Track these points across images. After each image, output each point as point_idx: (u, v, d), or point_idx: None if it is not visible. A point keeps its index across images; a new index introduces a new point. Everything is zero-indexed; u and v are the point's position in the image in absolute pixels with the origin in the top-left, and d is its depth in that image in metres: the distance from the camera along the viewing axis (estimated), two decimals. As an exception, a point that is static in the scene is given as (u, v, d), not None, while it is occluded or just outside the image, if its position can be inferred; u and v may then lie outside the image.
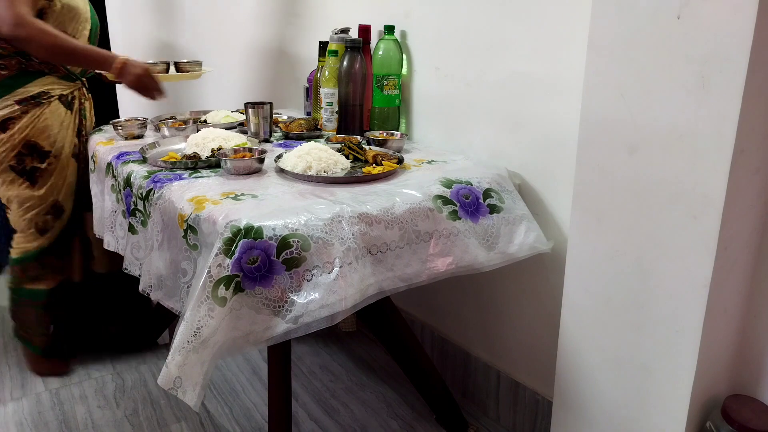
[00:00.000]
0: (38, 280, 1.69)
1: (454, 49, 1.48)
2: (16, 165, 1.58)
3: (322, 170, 1.23)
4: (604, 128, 1.00)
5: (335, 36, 1.67)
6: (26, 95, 1.54)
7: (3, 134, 1.53)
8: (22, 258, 1.67)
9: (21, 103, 1.53)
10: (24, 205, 1.62)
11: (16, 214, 1.63)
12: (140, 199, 1.23)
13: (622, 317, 1.04)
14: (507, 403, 1.52)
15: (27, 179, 1.60)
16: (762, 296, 0.98)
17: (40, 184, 1.61)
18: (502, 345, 1.52)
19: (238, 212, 1.00)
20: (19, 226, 1.65)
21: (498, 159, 1.40)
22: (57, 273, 1.72)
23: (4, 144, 1.54)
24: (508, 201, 1.24)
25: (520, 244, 1.22)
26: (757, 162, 0.89)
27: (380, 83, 1.58)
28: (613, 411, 1.09)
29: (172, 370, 0.94)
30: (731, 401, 0.97)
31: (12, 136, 1.54)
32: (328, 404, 1.62)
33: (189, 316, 0.93)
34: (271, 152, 1.40)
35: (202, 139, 1.44)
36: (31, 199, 1.61)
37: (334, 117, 1.65)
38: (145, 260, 1.19)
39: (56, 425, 1.53)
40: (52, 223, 1.66)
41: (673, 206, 0.92)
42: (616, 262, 1.03)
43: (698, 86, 0.86)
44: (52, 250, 1.69)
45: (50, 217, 1.65)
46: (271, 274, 0.95)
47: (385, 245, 1.07)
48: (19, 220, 1.64)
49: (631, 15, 0.92)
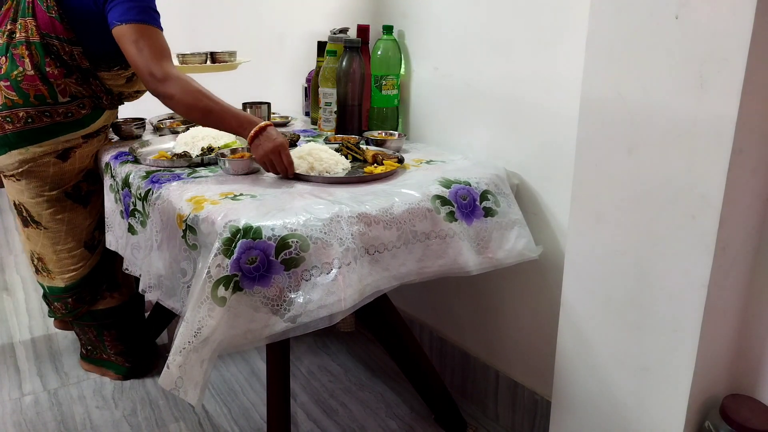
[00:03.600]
0: (98, 300, 1.67)
1: (452, 49, 1.48)
2: (72, 192, 1.55)
3: (324, 171, 1.23)
4: (602, 128, 1.00)
5: (334, 36, 1.67)
6: (93, 130, 1.53)
7: (64, 163, 1.51)
8: (72, 285, 1.63)
9: (86, 137, 1.52)
10: (77, 228, 1.59)
11: (62, 236, 1.58)
12: (139, 200, 1.23)
13: (621, 317, 1.04)
14: (506, 402, 1.52)
15: (81, 203, 1.58)
16: (761, 296, 0.98)
17: (92, 205, 1.60)
18: (501, 345, 1.52)
19: (236, 212, 1.00)
20: (64, 247, 1.59)
21: (497, 159, 1.40)
22: (115, 290, 1.69)
23: (64, 173, 1.52)
24: (503, 205, 1.25)
25: (509, 250, 1.22)
26: (755, 162, 0.89)
27: (379, 83, 1.58)
28: (611, 410, 1.09)
29: (174, 371, 0.94)
30: (730, 401, 0.97)
31: (73, 165, 1.52)
32: (326, 404, 1.62)
33: (189, 316, 0.93)
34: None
35: (192, 138, 1.44)
36: (85, 221, 1.59)
37: (332, 117, 1.65)
38: (145, 260, 1.19)
39: (54, 425, 1.53)
40: (100, 237, 1.61)
41: (672, 206, 0.92)
42: (614, 262, 1.03)
43: (696, 86, 0.86)
44: (103, 265, 1.66)
45: (98, 231, 1.61)
46: (270, 274, 0.95)
47: (382, 245, 1.07)
48: (65, 240, 1.59)
49: (629, 15, 0.93)
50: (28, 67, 1.41)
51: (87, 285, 1.64)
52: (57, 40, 1.41)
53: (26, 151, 1.46)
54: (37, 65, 1.41)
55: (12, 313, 2.12)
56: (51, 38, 1.41)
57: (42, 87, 1.42)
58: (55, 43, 1.41)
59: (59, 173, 1.51)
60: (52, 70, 1.42)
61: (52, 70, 1.42)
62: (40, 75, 1.42)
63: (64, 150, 1.50)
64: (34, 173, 1.50)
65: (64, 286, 1.63)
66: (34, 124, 1.44)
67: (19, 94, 1.41)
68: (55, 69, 1.42)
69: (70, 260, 1.61)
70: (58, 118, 1.45)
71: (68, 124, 1.48)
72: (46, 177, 1.51)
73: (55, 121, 1.45)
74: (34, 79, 1.41)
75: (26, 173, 1.50)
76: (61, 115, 1.46)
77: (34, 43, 1.41)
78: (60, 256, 1.60)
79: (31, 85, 1.41)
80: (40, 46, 1.41)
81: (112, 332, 1.70)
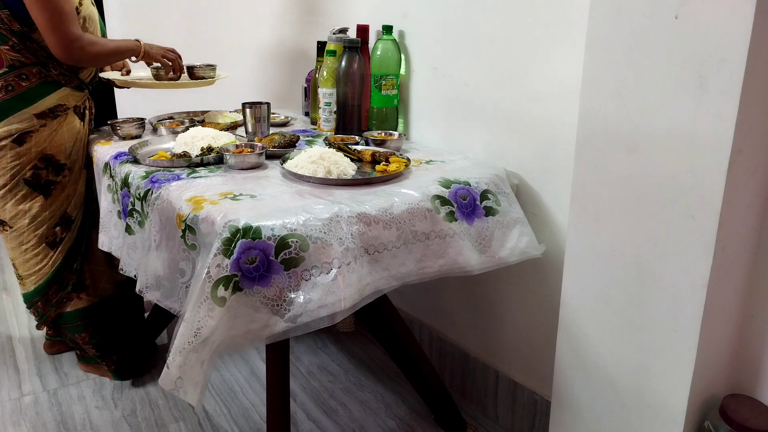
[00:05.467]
0: (64, 302, 1.64)
1: (452, 49, 1.48)
2: (31, 179, 1.50)
3: (341, 173, 1.22)
4: (602, 128, 1.00)
5: (333, 36, 1.67)
6: (44, 108, 1.47)
7: (20, 147, 1.46)
8: (39, 288, 1.60)
9: (40, 117, 1.46)
10: (36, 220, 1.54)
11: (25, 233, 1.54)
12: (138, 200, 1.23)
13: (621, 317, 1.04)
14: (505, 403, 1.52)
15: (41, 192, 1.52)
16: (760, 296, 0.98)
17: (53, 197, 1.54)
18: (501, 345, 1.52)
19: (236, 212, 1.00)
20: (27, 246, 1.56)
21: (496, 159, 1.40)
22: (81, 290, 1.65)
23: (21, 158, 1.47)
24: (504, 204, 1.25)
25: (511, 249, 1.22)
26: (755, 162, 0.89)
27: (378, 83, 1.58)
28: (611, 410, 1.09)
29: (173, 371, 0.94)
30: (729, 401, 0.97)
31: (29, 150, 1.47)
32: (326, 404, 1.62)
33: (189, 316, 0.93)
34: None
35: (191, 138, 1.44)
36: (44, 212, 1.54)
37: (332, 117, 1.65)
38: (142, 261, 1.18)
39: (54, 426, 1.53)
40: (62, 235, 1.58)
41: (672, 206, 0.92)
42: (614, 262, 1.03)
43: (696, 86, 0.86)
44: (67, 264, 1.61)
45: (60, 228, 1.57)
46: (270, 273, 0.95)
47: (382, 245, 1.07)
48: (28, 237, 1.55)
49: (629, 15, 0.93)
50: None
51: (52, 286, 1.60)
52: None
53: None
54: None
55: (12, 313, 2.12)
56: None
57: None
58: None
59: (16, 158, 1.46)
60: None
61: None
62: None
63: (19, 133, 1.45)
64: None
65: (33, 288, 1.60)
66: None
67: None
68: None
69: (33, 260, 1.57)
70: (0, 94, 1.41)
71: (11, 101, 1.42)
72: (4, 164, 1.47)
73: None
74: None
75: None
76: (1, 90, 1.40)
77: None
78: (26, 256, 1.57)
79: None
80: None
81: (83, 335, 1.65)
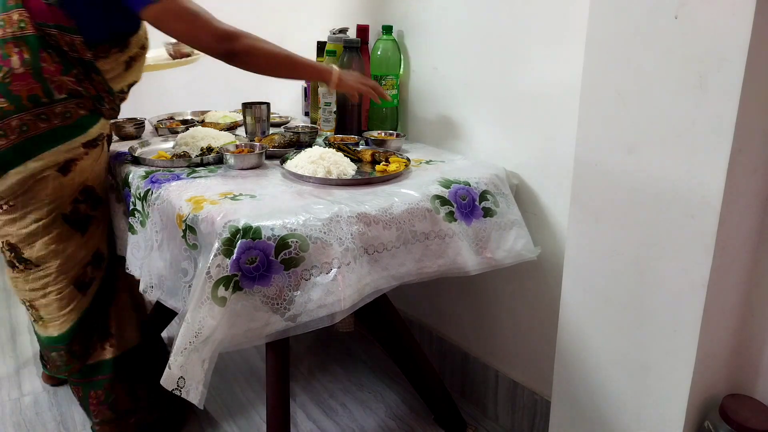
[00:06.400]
0: (89, 354, 1.41)
1: (452, 49, 1.48)
2: (70, 214, 1.31)
3: (341, 173, 1.22)
4: (602, 127, 1.00)
5: (333, 36, 1.67)
6: (92, 137, 1.32)
7: (64, 178, 1.28)
8: (64, 335, 1.37)
9: (86, 146, 1.30)
10: (70, 261, 1.33)
11: (53, 274, 1.32)
12: (139, 199, 1.23)
13: (621, 316, 1.04)
14: (505, 403, 1.52)
15: (78, 229, 1.33)
16: (760, 295, 0.98)
17: (90, 233, 1.35)
18: (501, 345, 1.52)
19: (236, 212, 1.01)
20: (53, 289, 1.34)
21: (496, 159, 1.40)
22: (105, 339, 1.41)
23: (63, 189, 1.29)
24: (503, 205, 1.25)
25: (507, 251, 1.22)
26: (755, 162, 0.89)
27: (378, 83, 1.58)
28: (611, 410, 1.09)
29: (175, 371, 0.94)
30: (729, 400, 0.97)
31: (72, 180, 1.29)
32: (326, 404, 1.62)
33: (190, 317, 0.93)
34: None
35: (191, 138, 1.44)
36: (80, 251, 1.34)
37: (332, 117, 1.65)
38: (145, 260, 1.18)
39: (54, 426, 1.53)
40: (92, 275, 1.37)
41: (671, 205, 0.92)
42: (614, 262, 1.03)
43: (696, 86, 0.86)
44: (95, 308, 1.39)
45: (91, 267, 1.37)
46: (270, 273, 0.95)
47: (381, 245, 1.07)
48: (56, 279, 1.33)
49: (628, 14, 0.93)
50: (16, 65, 1.21)
51: (78, 334, 1.39)
52: (56, 30, 1.22)
53: (24, 169, 1.24)
54: (28, 62, 1.21)
55: (12, 313, 2.12)
56: (49, 28, 1.22)
57: (35, 85, 1.22)
58: (54, 33, 1.23)
59: (59, 189, 1.28)
60: (48, 65, 1.23)
61: (48, 66, 1.23)
62: (32, 71, 1.22)
63: (65, 162, 1.28)
64: (30, 194, 1.27)
65: (57, 335, 1.38)
66: (29, 132, 1.23)
67: (9, 98, 1.21)
68: (52, 64, 1.23)
69: (57, 304, 1.35)
70: (56, 121, 1.25)
71: (68, 128, 1.27)
72: (43, 197, 1.28)
73: (53, 125, 1.25)
74: (25, 77, 1.21)
75: (21, 196, 1.27)
76: (59, 117, 1.25)
77: (25, 37, 1.22)
78: (49, 298, 1.35)
79: (22, 84, 1.21)
80: (35, 40, 1.22)
81: (99, 393, 1.40)
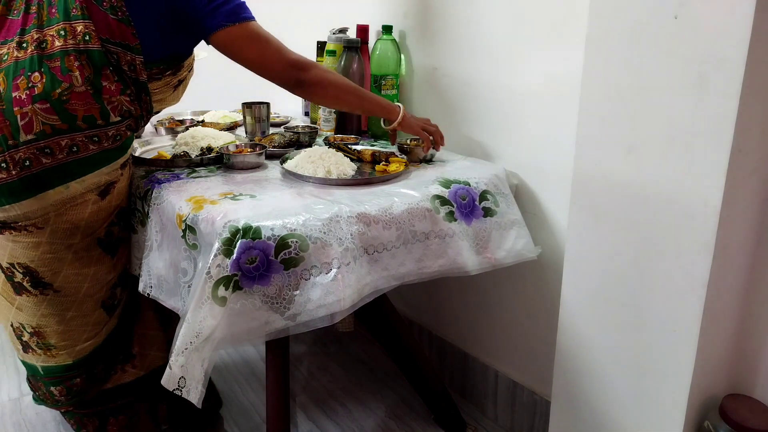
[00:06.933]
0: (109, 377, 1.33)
1: (452, 49, 1.48)
2: (105, 237, 1.22)
3: (341, 173, 1.22)
4: (601, 127, 1.00)
5: (333, 36, 1.67)
6: (127, 157, 1.23)
7: (102, 201, 1.18)
8: (80, 360, 1.27)
9: (122, 167, 1.21)
10: (98, 284, 1.24)
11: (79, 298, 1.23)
12: (138, 199, 1.23)
13: (620, 317, 1.04)
14: (505, 403, 1.52)
15: (109, 252, 1.25)
16: (760, 296, 0.98)
17: (119, 255, 1.27)
18: (500, 345, 1.52)
19: (236, 212, 1.00)
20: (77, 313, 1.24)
21: (496, 159, 1.41)
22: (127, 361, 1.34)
23: (101, 212, 1.19)
24: (503, 205, 1.25)
25: (508, 250, 1.22)
26: (754, 162, 0.89)
27: (378, 83, 1.58)
28: (610, 410, 1.09)
29: (176, 371, 0.94)
30: (729, 401, 0.97)
31: (110, 204, 1.20)
32: (326, 404, 1.62)
33: (190, 317, 0.93)
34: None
35: (192, 138, 1.44)
36: (109, 274, 1.26)
37: (332, 117, 1.65)
38: (145, 260, 1.19)
39: (54, 426, 1.53)
40: (120, 296, 1.30)
41: (671, 206, 0.92)
42: (613, 262, 1.03)
43: (696, 86, 0.86)
44: (122, 329, 1.32)
45: (119, 288, 1.29)
46: (270, 273, 0.95)
47: (381, 245, 1.07)
48: (82, 303, 1.24)
49: (628, 14, 0.93)
50: (77, 82, 1.09)
51: (101, 356, 1.29)
52: (120, 48, 1.13)
53: (66, 190, 1.13)
54: (90, 79, 1.11)
55: (11, 313, 2.12)
56: (112, 45, 1.13)
57: (94, 106, 1.12)
58: (117, 51, 1.13)
59: (95, 213, 1.18)
60: (109, 84, 1.13)
61: (108, 85, 1.13)
62: (93, 91, 1.11)
63: (106, 185, 1.18)
64: (65, 217, 1.15)
65: (73, 361, 1.26)
66: (79, 153, 1.12)
67: (63, 116, 1.10)
68: (113, 84, 1.13)
69: (82, 328, 1.25)
70: (106, 143, 1.15)
71: (114, 150, 1.17)
72: (80, 220, 1.16)
73: (103, 147, 1.15)
74: (85, 97, 1.11)
75: (55, 219, 1.14)
76: (110, 140, 1.15)
77: (88, 51, 1.11)
78: (70, 325, 1.24)
79: (80, 104, 1.10)
80: (99, 56, 1.11)
81: (121, 419, 1.33)
